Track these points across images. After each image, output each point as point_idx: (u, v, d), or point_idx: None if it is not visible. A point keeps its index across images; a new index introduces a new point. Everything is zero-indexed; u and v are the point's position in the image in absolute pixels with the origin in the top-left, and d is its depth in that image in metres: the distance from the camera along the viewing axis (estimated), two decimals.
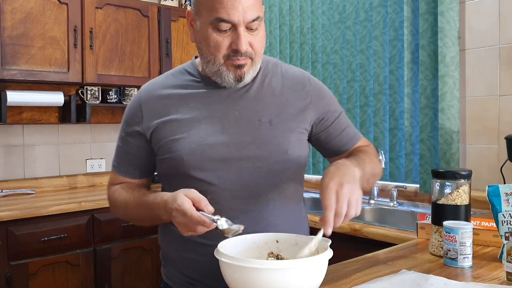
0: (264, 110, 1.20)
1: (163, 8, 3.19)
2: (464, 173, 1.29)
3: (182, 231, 1.04)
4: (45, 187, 3.00)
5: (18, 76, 2.61)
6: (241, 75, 1.14)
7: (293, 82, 1.26)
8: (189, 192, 1.03)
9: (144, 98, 1.23)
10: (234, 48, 1.10)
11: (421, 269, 1.18)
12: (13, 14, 2.59)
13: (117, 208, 1.27)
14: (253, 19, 1.09)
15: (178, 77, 1.24)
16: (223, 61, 1.12)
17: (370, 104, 2.67)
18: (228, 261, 0.93)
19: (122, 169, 1.27)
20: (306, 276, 0.92)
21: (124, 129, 1.25)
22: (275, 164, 1.18)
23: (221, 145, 1.16)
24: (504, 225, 1.25)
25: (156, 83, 1.26)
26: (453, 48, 2.24)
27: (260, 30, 1.13)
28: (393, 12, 2.53)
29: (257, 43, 1.13)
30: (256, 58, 1.15)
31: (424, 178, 2.36)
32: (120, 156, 1.27)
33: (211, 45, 1.11)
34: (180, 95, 1.20)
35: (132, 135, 1.23)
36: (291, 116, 1.21)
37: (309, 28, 2.95)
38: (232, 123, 1.17)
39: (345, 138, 1.30)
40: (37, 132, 3.01)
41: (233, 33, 1.10)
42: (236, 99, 1.20)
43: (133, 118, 1.23)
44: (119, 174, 1.28)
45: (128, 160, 1.26)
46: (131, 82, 3.04)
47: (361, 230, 1.95)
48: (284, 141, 1.19)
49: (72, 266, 2.48)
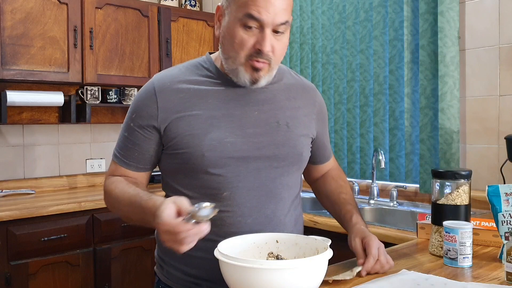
0: (281, 113, 1.24)
1: (163, 8, 3.19)
2: (464, 173, 1.29)
3: (169, 245, 0.97)
4: (45, 187, 3.00)
5: (18, 76, 2.61)
6: (257, 78, 1.15)
7: (304, 91, 1.33)
8: (178, 200, 0.97)
9: (159, 89, 1.19)
10: (257, 48, 1.11)
11: (421, 269, 1.18)
12: (13, 14, 2.59)
13: (110, 201, 1.22)
14: (281, 22, 1.11)
15: (193, 72, 1.23)
16: (243, 60, 1.13)
17: (370, 104, 2.67)
18: (228, 261, 0.93)
19: (125, 161, 1.22)
20: (306, 276, 0.92)
21: (133, 120, 1.20)
22: (290, 165, 1.24)
23: (241, 143, 1.17)
24: (504, 225, 1.25)
25: (170, 76, 1.23)
26: (453, 48, 2.25)
27: (285, 37, 1.15)
28: (393, 12, 2.53)
29: (279, 49, 1.14)
30: (274, 65, 1.17)
31: (424, 178, 2.36)
32: (125, 147, 1.22)
33: (236, 41, 1.12)
34: (197, 91, 1.20)
35: (144, 127, 1.19)
36: (303, 121, 1.28)
37: (309, 28, 2.95)
38: (251, 123, 1.20)
39: (325, 153, 1.42)
40: (37, 132, 3.01)
41: (260, 33, 1.11)
42: (254, 100, 1.22)
43: (146, 110, 1.19)
44: (121, 166, 1.23)
45: (134, 152, 1.21)
46: (131, 82, 3.04)
47: None
48: (299, 144, 1.25)
49: (72, 266, 2.49)
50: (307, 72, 2.97)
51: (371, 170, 2.58)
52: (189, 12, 3.38)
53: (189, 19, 3.33)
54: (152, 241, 2.75)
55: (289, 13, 1.14)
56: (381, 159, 2.43)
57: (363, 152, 2.70)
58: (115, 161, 1.25)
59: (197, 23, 3.37)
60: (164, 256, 1.28)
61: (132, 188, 1.16)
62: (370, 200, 2.55)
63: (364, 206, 2.48)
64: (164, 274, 1.28)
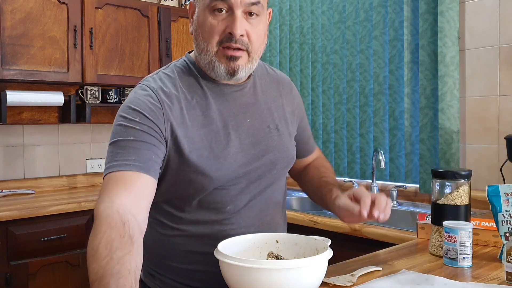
0: (270, 116, 1.20)
1: (163, 8, 3.19)
2: (464, 173, 1.29)
3: None
4: (45, 187, 3.00)
5: (18, 76, 2.61)
6: (234, 68, 1.07)
7: (283, 86, 1.28)
8: None
9: (162, 96, 1.08)
10: (228, 32, 1.04)
11: (421, 269, 1.18)
12: (13, 14, 2.59)
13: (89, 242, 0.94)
14: (252, 2, 1.04)
15: (182, 77, 1.14)
16: (216, 49, 1.06)
17: (370, 104, 2.67)
18: (228, 261, 0.93)
19: (139, 165, 0.99)
20: (306, 276, 0.92)
21: (138, 123, 1.04)
22: (284, 169, 1.23)
23: (242, 157, 1.13)
24: (504, 225, 1.25)
25: (162, 80, 1.12)
26: (453, 48, 2.24)
27: (261, 23, 1.08)
28: (393, 12, 2.53)
29: (254, 34, 1.07)
30: (253, 54, 1.09)
31: (424, 178, 2.36)
32: (136, 150, 1.01)
33: (206, 29, 1.06)
34: (190, 100, 1.11)
35: (152, 130, 1.04)
36: (288, 120, 1.25)
37: (309, 28, 2.95)
38: (245, 132, 1.15)
39: (308, 147, 1.38)
40: (37, 132, 3.01)
41: (229, 17, 1.04)
42: (241, 103, 1.16)
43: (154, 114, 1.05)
44: (137, 171, 0.98)
45: (151, 154, 1.02)
46: (131, 82, 3.04)
47: (361, 230, 1.95)
48: (290, 146, 1.24)
49: (71, 266, 2.48)
50: (307, 72, 2.97)
51: (371, 170, 2.58)
52: None
53: None
54: None
55: None
56: (381, 159, 2.43)
57: (363, 152, 2.70)
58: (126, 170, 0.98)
59: None
60: (157, 269, 1.20)
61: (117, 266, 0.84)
62: None
63: None
64: (160, 285, 1.20)
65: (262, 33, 1.10)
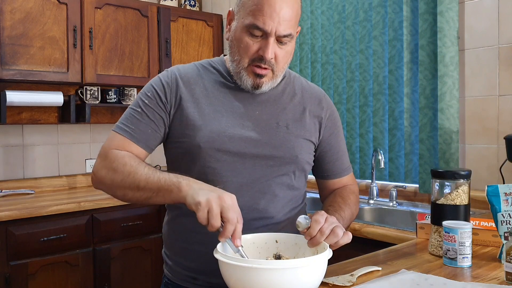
0: (283, 114, 1.28)
1: (163, 8, 3.19)
2: (463, 173, 1.29)
3: (201, 216, 0.99)
4: (45, 187, 3.00)
5: (18, 76, 2.61)
6: (259, 84, 1.21)
7: (311, 95, 1.36)
8: None
9: (181, 77, 1.25)
10: (260, 54, 1.17)
11: (420, 269, 1.18)
12: (12, 14, 2.59)
13: (115, 172, 1.14)
14: (284, 35, 1.16)
15: (207, 69, 1.29)
16: (246, 65, 1.20)
17: (369, 104, 2.67)
18: (227, 261, 0.93)
19: (136, 136, 1.21)
20: (306, 276, 0.92)
21: (150, 96, 1.22)
22: (285, 165, 1.26)
23: (239, 139, 1.21)
24: (503, 225, 1.25)
25: (189, 70, 1.28)
26: (452, 48, 2.25)
27: (289, 46, 1.20)
28: (393, 12, 2.53)
29: (281, 57, 1.19)
30: (277, 72, 1.22)
31: (423, 178, 2.36)
32: (138, 122, 1.21)
33: (241, 46, 1.19)
34: (207, 86, 1.25)
35: (162, 106, 1.22)
36: (306, 125, 1.30)
37: (309, 28, 2.95)
38: (251, 121, 1.24)
39: (338, 168, 1.40)
40: (37, 132, 3.01)
41: (263, 40, 1.17)
42: (257, 101, 1.27)
43: (165, 91, 1.23)
44: (131, 140, 1.20)
45: (147, 128, 1.21)
46: (130, 82, 3.04)
47: (360, 230, 1.95)
48: (297, 146, 1.27)
49: (71, 266, 2.49)
50: (307, 72, 2.97)
51: (371, 170, 2.58)
52: (188, 12, 3.38)
53: (189, 19, 3.33)
54: (151, 241, 2.76)
55: (293, 25, 1.18)
56: (380, 159, 2.43)
57: (362, 152, 2.70)
58: (122, 135, 1.21)
59: (197, 23, 3.37)
60: (168, 251, 1.32)
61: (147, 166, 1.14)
62: (370, 200, 2.55)
63: (363, 206, 2.48)
64: (168, 269, 1.32)
65: (289, 53, 1.22)
